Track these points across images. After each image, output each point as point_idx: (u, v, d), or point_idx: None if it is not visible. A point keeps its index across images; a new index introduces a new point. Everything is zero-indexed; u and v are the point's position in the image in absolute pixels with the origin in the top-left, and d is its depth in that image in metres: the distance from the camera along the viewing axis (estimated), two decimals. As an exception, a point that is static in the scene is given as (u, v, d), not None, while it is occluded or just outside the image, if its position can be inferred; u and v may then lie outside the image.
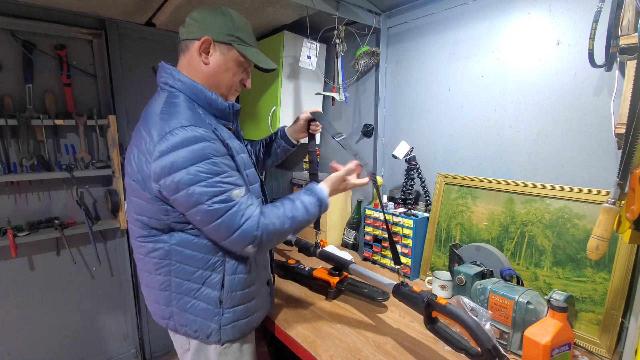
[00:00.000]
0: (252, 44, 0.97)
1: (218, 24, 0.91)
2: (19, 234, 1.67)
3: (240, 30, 0.93)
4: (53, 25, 1.71)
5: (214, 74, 0.93)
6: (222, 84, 0.95)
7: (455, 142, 1.49)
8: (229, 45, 0.92)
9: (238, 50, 0.93)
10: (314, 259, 1.74)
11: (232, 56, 0.93)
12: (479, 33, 1.37)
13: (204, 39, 0.89)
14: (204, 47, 0.90)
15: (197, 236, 0.87)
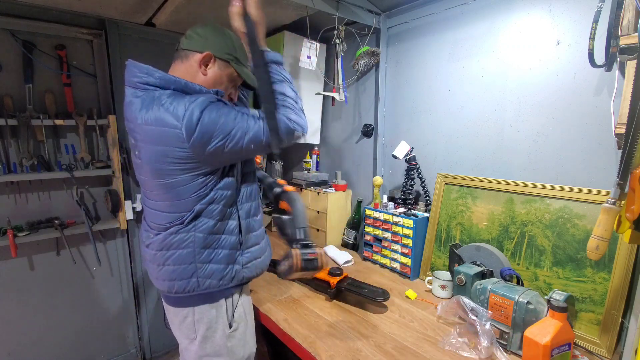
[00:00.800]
0: (245, 64, 1.07)
1: (220, 42, 1.01)
2: (19, 234, 1.67)
3: (238, 51, 1.03)
4: (53, 25, 1.71)
5: (210, 85, 1.01)
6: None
7: (455, 142, 1.49)
8: (227, 62, 1.02)
9: (235, 69, 1.03)
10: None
11: (228, 72, 1.03)
12: (479, 33, 1.37)
13: (206, 53, 0.99)
14: (205, 60, 0.99)
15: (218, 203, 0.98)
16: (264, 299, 1.34)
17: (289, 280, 1.45)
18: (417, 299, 1.33)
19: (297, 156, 2.42)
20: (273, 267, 1.57)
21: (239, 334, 1.10)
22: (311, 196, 1.96)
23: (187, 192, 0.94)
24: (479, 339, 0.99)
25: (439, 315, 1.18)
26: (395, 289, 1.40)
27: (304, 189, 2.00)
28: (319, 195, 1.91)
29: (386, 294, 1.25)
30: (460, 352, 1.00)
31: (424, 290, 1.40)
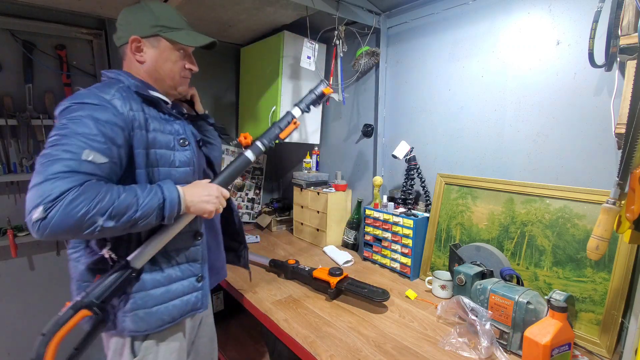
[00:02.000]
0: (181, 27, 0.95)
1: (140, 20, 0.92)
2: (19, 234, 1.67)
3: (163, 18, 0.93)
4: (53, 25, 1.71)
5: (154, 69, 0.95)
6: (164, 76, 0.96)
7: (455, 142, 1.49)
8: (156, 36, 0.93)
9: (165, 38, 0.93)
10: (315, 258, 1.74)
11: (164, 46, 0.94)
12: (479, 33, 1.37)
13: (131, 38, 0.91)
14: (135, 47, 0.92)
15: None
16: (264, 299, 1.34)
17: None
18: (417, 299, 1.33)
19: (297, 156, 2.42)
20: (273, 267, 1.58)
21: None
22: (311, 196, 1.96)
23: None
24: (479, 339, 0.99)
25: (439, 315, 1.18)
26: (395, 289, 1.40)
27: (304, 189, 2.00)
28: (319, 195, 1.91)
29: (386, 294, 1.25)
30: (460, 352, 1.00)
31: (424, 290, 1.40)
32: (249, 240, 2.02)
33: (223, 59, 2.33)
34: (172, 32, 0.94)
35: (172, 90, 1.00)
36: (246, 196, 2.45)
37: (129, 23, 0.93)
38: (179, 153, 0.93)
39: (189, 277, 0.98)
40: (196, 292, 0.99)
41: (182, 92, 1.03)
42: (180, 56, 0.97)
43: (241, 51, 2.27)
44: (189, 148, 0.95)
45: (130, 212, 0.77)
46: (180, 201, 0.85)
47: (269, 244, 1.98)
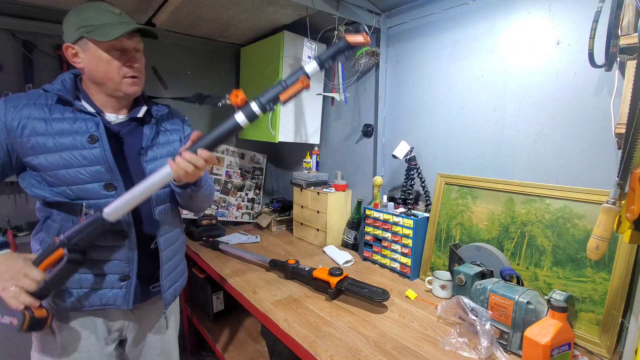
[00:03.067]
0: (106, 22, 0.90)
1: (68, 25, 0.91)
2: (19, 234, 1.67)
3: (85, 19, 0.89)
4: (53, 25, 1.71)
5: (91, 73, 0.93)
6: (102, 78, 0.93)
7: (455, 142, 1.49)
8: (82, 39, 0.90)
9: (88, 39, 0.89)
10: (315, 258, 1.75)
11: (91, 47, 0.90)
12: (479, 33, 1.37)
13: (64, 47, 0.92)
14: (69, 54, 0.92)
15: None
16: (264, 299, 1.34)
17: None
18: (417, 299, 1.33)
19: (297, 156, 2.42)
20: (273, 267, 1.58)
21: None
22: (311, 196, 1.96)
23: None
24: (479, 339, 0.99)
25: (439, 315, 1.18)
26: (395, 289, 1.40)
27: (304, 189, 2.00)
28: (319, 195, 1.91)
29: (386, 294, 1.25)
30: (460, 352, 1.00)
31: (424, 290, 1.40)
32: (249, 240, 2.02)
33: (223, 59, 2.33)
34: (94, 30, 0.88)
35: (117, 92, 0.96)
36: (246, 196, 2.45)
37: (64, 32, 0.92)
38: (86, 151, 0.90)
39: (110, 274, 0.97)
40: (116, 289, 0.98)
41: (129, 93, 0.97)
42: (115, 55, 0.91)
43: (241, 51, 2.27)
44: (97, 146, 0.91)
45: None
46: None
47: (269, 244, 1.98)
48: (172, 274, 1.12)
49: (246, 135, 2.25)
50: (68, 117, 0.92)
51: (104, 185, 0.93)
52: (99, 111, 0.97)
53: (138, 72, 0.96)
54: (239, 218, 2.43)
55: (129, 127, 1.02)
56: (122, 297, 0.98)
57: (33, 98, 0.91)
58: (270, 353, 1.66)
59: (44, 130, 0.88)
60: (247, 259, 1.73)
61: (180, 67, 2.14)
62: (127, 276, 0.98)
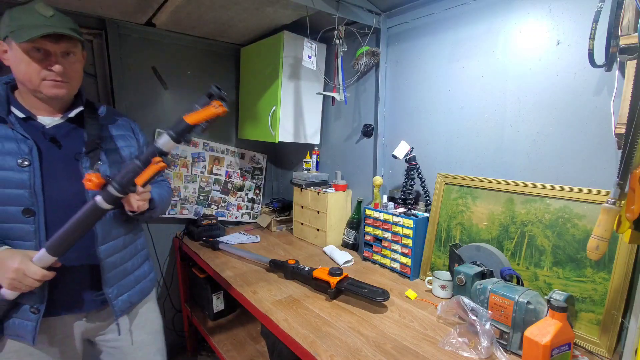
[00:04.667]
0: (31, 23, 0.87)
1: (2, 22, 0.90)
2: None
3: (15, 18, 0.88)
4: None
5: (15, 72, 0.92)
6: (23, 79, 0.92)
7: (455, 142, 1.49)
8: (7, 38, 0.89)
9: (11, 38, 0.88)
10: (315, 258, 1.75)
11: (15, 47, 0.89)
12: (479, 33, 1.37)
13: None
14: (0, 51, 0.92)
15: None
16: (264, 299, 1.34)
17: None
18: (417, 299, 1.33)
19: (297, 156, 2.42)
20: (273, 267, 1.58)
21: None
22: (311, 196, 1.96)
23: None
24: (479, 339, 0.99)
25: (439, 315, 1.18)
26: (395, 289, 1.40)
27: (304, 189, 2.00)
28: (319, 195, 1.91)
29: (386, 294, 1.25)
30: (460, 352, 1.00)
31: (424, 290, 1.40)
32: (249, 240, 2.02)
33: (223, 59, 2.33)
34: (17, 30, 0.86)
35: (38, 94, 0.94)
36: (246, 196, 2.45)
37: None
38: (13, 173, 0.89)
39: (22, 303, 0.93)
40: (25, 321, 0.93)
41: (49, 95, 0.93)
42: (37, 57, 0.89)
43: (241, 51, 2.27)
44: (27, 170, 0.90)
45: None
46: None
47: (269, 244, 1.98)
48: (122, 281, 1.07)
49: (246, 135, 2.25)
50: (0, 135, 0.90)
51: (22, 210, 0.90)
52: (31, 115, 0.95)
53: (61, 75, 0.93)
54: (239, 218, 2.43)
55: (66, 129, 0.99)
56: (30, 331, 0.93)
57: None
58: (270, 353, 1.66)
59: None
60: (247, 259, 1.73)
61: (180, 67, 2.14)
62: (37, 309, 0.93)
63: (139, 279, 1.15)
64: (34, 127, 0.95)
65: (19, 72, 0.91)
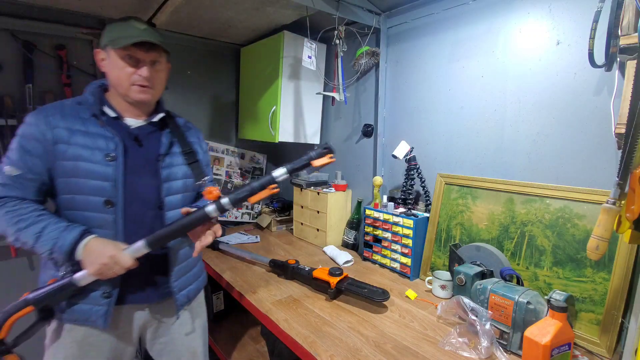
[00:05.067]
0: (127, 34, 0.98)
1: (102, 35, 1.01)
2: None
3: (114, 30, 0.99)
4: (53, 25, 1.71)
5: (109, 78, 1.03)
6: (116, 83, 1.02)
7: (455, 142, 1.49)
8: (107, 47, 1.00)
9: (110, 46, 0.99)
10: (315, 258, 1.75)
11: (111, 54, 0.99)
12: (479, 33, 1.37)
13: (94, 52, 1.04)
14: (98, 59, 1.03)
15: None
16: (264, 299, 1.34)
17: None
18: (417, 299, 1.33)
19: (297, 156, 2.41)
20: (273, 267, 1.58)
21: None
22: (311, 196, 1.96)
23: None
24: (479, 339, 0.99)
25: (439, 315, 1.18)
26: (395, 289, 1.40)
27: (304, 189, 2.00)
28: (319, 195, 1.91)
29: (386, 294, 1.25)
30: (460, 352, 1.00)
31: (424, 290, 1.40)
32: (249, 240, 2.02)
33: (223, 59, 2.33)
34: (115, 39, 0.97)
35: (126, 98, 1.03)
36: (246, 196, 2.45)
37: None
38: (99, 166, 0.97)
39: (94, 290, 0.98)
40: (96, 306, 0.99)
41: (136, 99, 1.03)
42: (128, 63, 0.99)
43: (241, 51, 2.27)
44: (112, 164, 0.98)
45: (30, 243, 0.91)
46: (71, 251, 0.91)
47: (269, 244, 1.98)
48: (185, 276, 1.13)
49: (246, 135, 2.25)
50: (92, 131, 0.98)
51: (104, 200, 0.97)
52: (120, 115, 1.04)
53: (147, 81, 1.02)
54: (239, 218, 2.43)
55: (147, 131, 1.08)
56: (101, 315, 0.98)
57: (59, 108, 0.99)
58: (270, 353, 1.66)
59: (67, 139, 0.95)
60: (247, 259, 1.73)
61: (181, 67, 2.14)
62: (109, 294, 0.99)
63: (196, 276, 1.20)
64: (121, 126, 1.04)
65: (112, 76, 1.01)
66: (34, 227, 0.90)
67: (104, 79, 1.07)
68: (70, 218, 0.96)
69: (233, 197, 0.97)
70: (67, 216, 0.97)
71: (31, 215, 0.92)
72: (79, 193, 0.96)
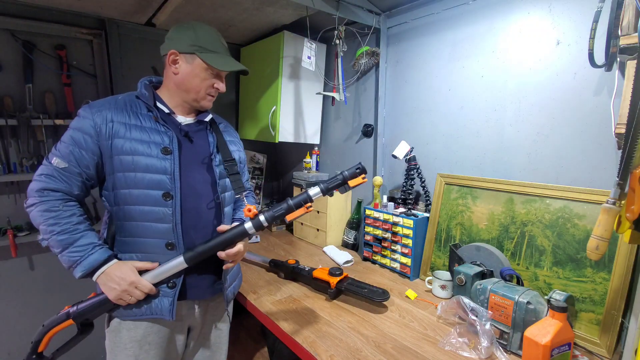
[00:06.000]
0: (218, 51, 1.06)
1: (183, 38, 1.02)
2: (19, 233, 1.67)
3: (203, 40, 1.03)
4: (53, 25, 1.71)
5: (183, 81, 1.04)
6: (190, 89, 1.05)
7: (455, 142, 1.49)
8: (193, 54, 1.02)
9: (200, 58, 1.02)
10: (315, 258, 1.75)
11: (197, 64, 1.02)
12: (479, 33, 1.37)
13: (170, 51, 1.02)
14: (172, 59, 1.03)
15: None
16: (264, 299, 1.34)
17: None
18: (417, 299, 1.33)
19: (297, 156, 2.42)
20: (273, 267, 1.58)
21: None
22: (311, 196, 1.96)
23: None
24: (479, 339, 0.99)
25: (439, 315, 1.18)
26: (395, 289, 1.40)
27: (304, 189, 2.00)
28: (319, 195, 1.90)
29: (386, 294, 1.25)
30: (460, 352, 1.00)
31: (424, 290, 1.40)
32: (249, 240, 2.02)
33: (223, 59, 2.32)
34: (208, 53, 1.03)
35: (194, 102, 1.08)
36: (246, 196, 2.45)
37: (172, 38, 1.03)
38: (157, 160, 0.98)
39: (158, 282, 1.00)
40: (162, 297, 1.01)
41: (203, 107, 1.10)
42: (210, 75, 1.05)
43: (241, 51, 2.27)
44: (169, 158, 0.99)
45: (57, 251, 0.92)
46: (91, 272, 0.94)
47: (269, 244, 1.98)
48: (231, 273, 1.16)
49: (246, 135, 2.25)
50: (146, 126, 1.00)
51: (162, 193, 0.99)
52: (172, 112, 1.07)
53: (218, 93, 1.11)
54: (239, 218, 2.42)
55: (196, 129, 1.11)
56: (167, 307, 1.01)
57: (112, 103, 1.00)
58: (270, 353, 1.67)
59: (123, 133, 0.97)
60: (247, 259, 1.73)
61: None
62: (174, 284, 1.02)
63: (237, 275, 1.23)
64: (173, 122, 1.06)
65: (189, 83, 1.04)
66: (66, 237, 0.91)
67: (151, 76, 1.10)
68: (127, 213, 0.98)
69: (270, 215, 0.99)
70: (123, 211, 0.98)
71: (69, 222, 0.92)
72: (137, 187, 0.97)
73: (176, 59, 1.03)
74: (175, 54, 1.02)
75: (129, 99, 1.03)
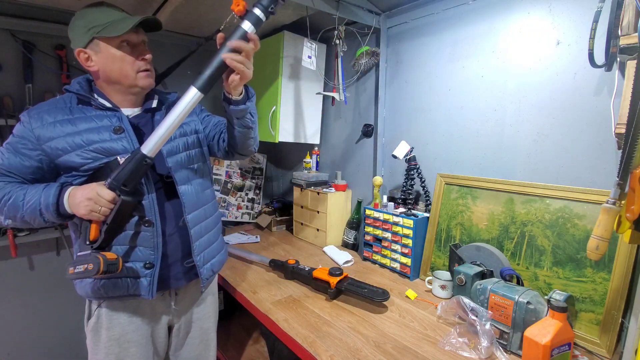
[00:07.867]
0: (113, 19, 0.93)
1: (76, 32, 0.93)
2: (19, 234, 1.67)
3: (92, 20, 0.92)
4: (53, 25, 1.71)
5: (106, 73, 0.96)
6: (118, 77, 0.97)
7: (455, 142, 1.49)
8: (93, 40, 0.93)
9: (99, 38, 0.92)
10: (314, 258, 1.75)
11: (104, 47, 0.93)
12: (479, 33, 1.37)
13: (75, 52, 0.95)
14: (82, 59, 0.95)
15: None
16: (264, 299, 1.34)
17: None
18: (417, 299, 1.33)
19: (297, 156, 2.42)
20: (273, 267, 1.58)
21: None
22: (311, 196, 1.96)
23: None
24: (479, 339, 0.99)
25: (439, 315, 1.18)
26: (395, 289, 1.40)
27: (304, 189, 2.00)
28: (319, 195, 1.91)
29: (386, 294, 1.25)
30: (460, 352, 1.00)
31: (424, 290, 1.40)
32: (249, 240, 2.02)
33: (223, 59, 2.32)
34: (104, 28, 0.91)
35: (133, 89, 1.00)
36: (246, 196, 2.45)
37: (72, 39, 0.95)
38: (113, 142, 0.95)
39: (135, 261, 0.99)
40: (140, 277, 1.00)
41: (144, 87, 1.01)
42: (127, 51, 0.95)
43: (241, 51, 2.27)
44: (124, 136, 0.96)
45: (19, 213, 0.90)
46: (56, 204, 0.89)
47: (269, 244, 1.98)
48: (207, 250, 1.14)
49: (246, 135, 2.25)
50: (91, 115, 0.96)
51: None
52: (115, 107, 1.00)
53: (149, 64, 1.00)
54: (239, 218, 2.42)
55: (145, 119, 1.06)
56: (145, 286, 1.00)
57: (52, 103, 0.97)
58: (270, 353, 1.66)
59: (71, 130, 0.93)
60: (247, 259, 1.73)
61: (180, 67, 2.13)
62: (151, 264, 1.00)
63: (219, 249, 1.21)
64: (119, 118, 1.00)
65: (113, 70, 0.95)
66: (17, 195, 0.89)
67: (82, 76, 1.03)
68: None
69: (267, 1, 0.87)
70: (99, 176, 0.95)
71: (12, 187, 0.91)
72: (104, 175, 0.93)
73: (86, 56, 0.94)
74: (81, 51, 0.94)
75: (68, 97, 0.99)
